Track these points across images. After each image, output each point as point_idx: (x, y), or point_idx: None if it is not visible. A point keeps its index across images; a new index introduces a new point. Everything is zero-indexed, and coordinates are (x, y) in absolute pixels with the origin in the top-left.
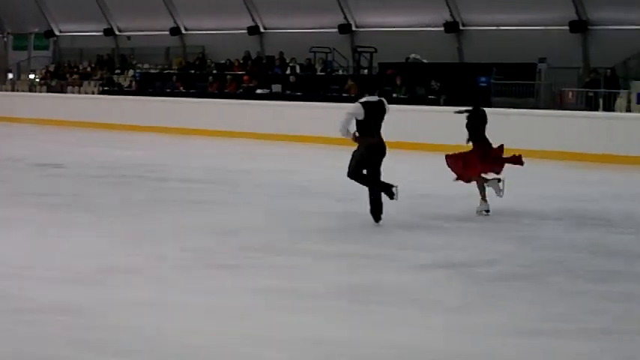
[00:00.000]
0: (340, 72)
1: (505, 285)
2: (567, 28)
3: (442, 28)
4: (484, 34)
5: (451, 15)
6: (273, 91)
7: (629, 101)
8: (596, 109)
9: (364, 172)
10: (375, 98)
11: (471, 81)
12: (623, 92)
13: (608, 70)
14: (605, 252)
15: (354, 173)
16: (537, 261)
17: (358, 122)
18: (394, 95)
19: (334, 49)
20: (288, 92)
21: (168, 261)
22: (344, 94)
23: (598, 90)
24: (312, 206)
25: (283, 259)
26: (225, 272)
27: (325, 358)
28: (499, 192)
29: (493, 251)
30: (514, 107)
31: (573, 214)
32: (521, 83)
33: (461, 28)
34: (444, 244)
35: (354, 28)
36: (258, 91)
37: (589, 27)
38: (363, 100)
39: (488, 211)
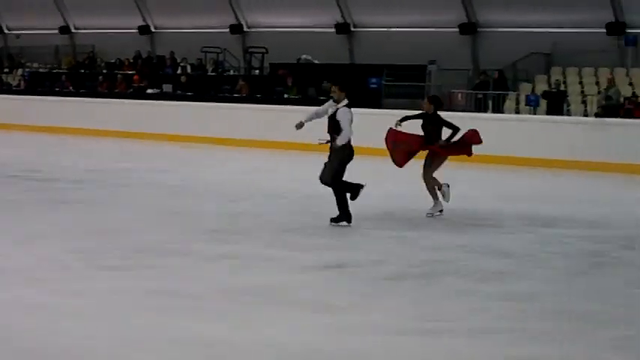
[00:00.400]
0: (231, 72)
1: (392, 285)
2: (457, 30)
3: (333, 29)
4: (375, 35)
5: (342, 16)
6: (164, 91)
7: (517, 103)
8: (486, 111)
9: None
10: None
11: (361, 82)
12: (512, 94)
13: (496, 73)
14: (494, 252)
15: (340, 180)
16: (426, 261)
17: (336, 126)
18: (285, 96)
19: (225, 49)
20: (179, 92)
21: (51, 262)
22: (235, 95)
23: (487, 92)
24: (203, 207)
25: (169, 260)
26: (110, 273)
27: (198, 359)
28: (446, 197)
29: (382, 252)
30: (404, 109)
31: (464, 215)
32: (411, 85)
33: (352, 29)
34: (333, 244)
35: (245, 29)
36: (149, 91)
37: (478, 29)
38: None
39: (441, 211)
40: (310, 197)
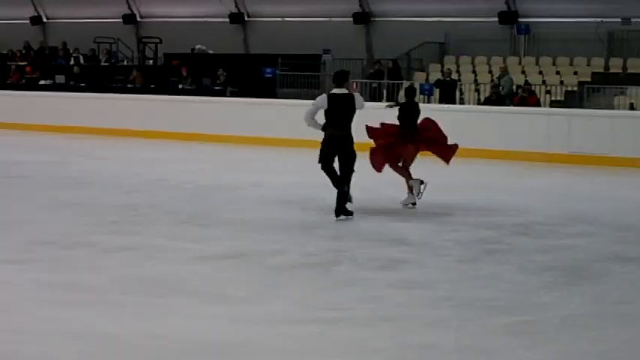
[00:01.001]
0: (125, 62)
1: (291, 274)
2: (351, 19)
3: (227, 19)
4: (269, 25)
5: (236, 6)
6: (57, 82)
7: None
8: (380, 100)
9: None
10: (342, 91)
11: (256, 72)
12: (406, 83)
13: (390, 62)
14: (391, 241)
15: (321, 164)
16: (324, 250)
17: (325, 113)
18: (180, 86)
19: (119, 39)
20: (72, 83)
21: None
22: (129, 85)
23: (382, 81)
24: (99, 198)
25: (66, 253)
26: (4, 267)
27: (87, 351)
28: (418, 194)
29: (281, 241)
30: (299, 98)
31: (362, 204)
32: (306, 74)
33: (246, 19)
34: (232, 234)
35: (138, 19)
36: (42, 82)
37: (372, 19)
38: (330, 92)
39: (414, 203)
40: (207, 188)
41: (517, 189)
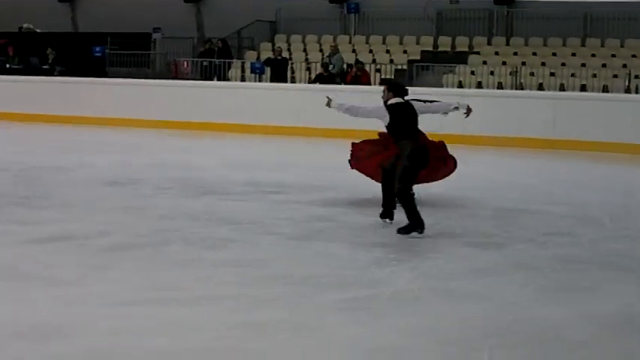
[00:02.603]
0: None
1: (119, 255)
2: None
3: None
4: (98, 3)
5: None
6: None
7: (243, 71)
8: (211, 79)
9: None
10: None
11: (85, 51)
12: (237, 62)
13: (220, 41)
14: (222, 220)
15: (406, 187)
16: (153, 230)
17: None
18: (7, 66)
19: None
20: None
21: None
22: None
23: (212, 60)
24: None
25: None
26: None
27: None
28: None
29: (109, 222)
30: (129, 77)
31: (191, 183)
32: (136, 53)
33: None
34: (59, 216)
35: None
36: None
37: None
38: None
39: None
40: (36, 169)
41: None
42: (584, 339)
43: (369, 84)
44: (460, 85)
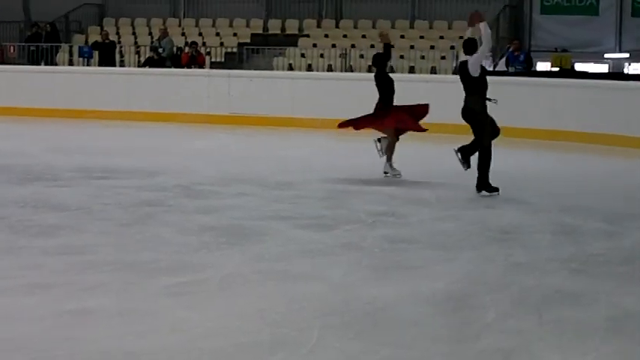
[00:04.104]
0: None
1: None
2: None
3: None
4: None
5: None
6: None
7: (71, 55)
8: (39, 64)
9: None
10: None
11: None
12: (65, 46)
13: (48, 25)
14: (49, 207)
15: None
16: None
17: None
18: None
19: None
20: None
21: None
22: None
23: (40, 44)
24: None
25: None
26: None
27: None
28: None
29: None
30: None
31: (20, 170)
32: None
33: None
34: None
35: None
36: None
37: None
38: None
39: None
40: None
41: (179, 151)
42: (413, 318)
43: (204, 65)
44: (290, 68)
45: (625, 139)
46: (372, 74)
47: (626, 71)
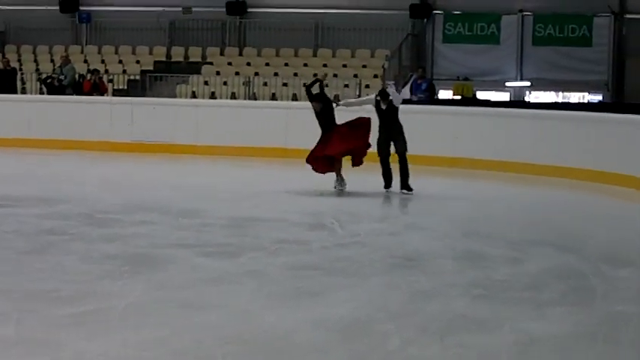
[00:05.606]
0: None
1: None
2: None
3: None
4: None
5: None
6: None
7: None
8: None
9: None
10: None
11: None
12: None
13: None
14: None
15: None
16: None
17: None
18: None
19: None
20: None
21: None
22: None
23: None
24: None
25: None
26: None
27: None
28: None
29: None
30: None
31: None
32: None
33: None
34: None
35: None
36: None
37: None
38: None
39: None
40: None
41: (82, 179)
42: (316, 345)
43: (106, 93)
44: (194, 96)
45: (528, 167)
46: (275, 102)
47: (527, 99)
